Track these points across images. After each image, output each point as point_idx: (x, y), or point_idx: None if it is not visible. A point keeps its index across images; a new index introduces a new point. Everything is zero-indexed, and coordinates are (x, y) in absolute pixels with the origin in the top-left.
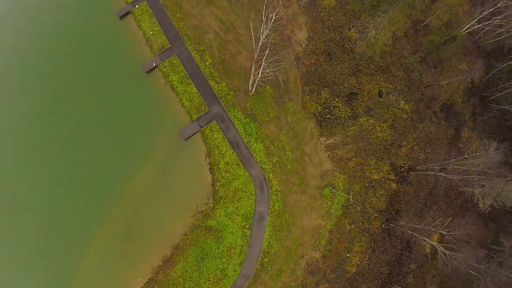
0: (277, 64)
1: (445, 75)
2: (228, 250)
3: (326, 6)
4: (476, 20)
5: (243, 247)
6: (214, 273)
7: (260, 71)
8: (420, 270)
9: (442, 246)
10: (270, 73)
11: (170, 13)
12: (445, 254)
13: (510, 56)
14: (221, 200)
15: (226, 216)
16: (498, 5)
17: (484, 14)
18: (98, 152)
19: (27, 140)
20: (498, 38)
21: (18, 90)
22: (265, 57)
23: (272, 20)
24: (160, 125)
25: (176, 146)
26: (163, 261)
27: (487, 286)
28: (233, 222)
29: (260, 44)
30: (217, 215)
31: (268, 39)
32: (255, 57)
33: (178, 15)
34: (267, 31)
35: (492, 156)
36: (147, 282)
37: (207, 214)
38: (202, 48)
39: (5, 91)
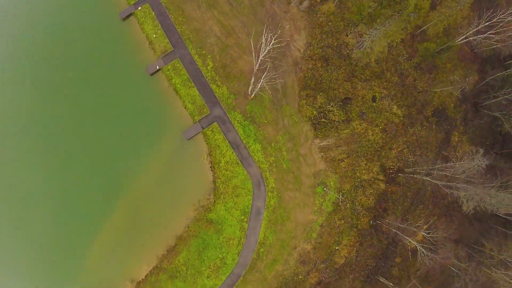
0: (275, 79)
1: (438, 80)
2: (227, 241)
3: (325, 11)
4: (471, 32)
5: (241, 238)
6: (214, 262)
7: (259, 85)
8: (404, 263)
9: (422, 246)
10: (268, 89)
11: (173, 16)
12: (424, 254)
13: (505, 64)
14: (221, 196)
15: (225, 210)
16: (494, 20)
17: (480, 27)
18: (107, 151)
19: (36, 141)
20: (493, 47)
21: (22, 93)
22: (264, 75)
23: (272, 42)
24: (164, 126)
25: (180, 146)
26: (167, 250)
27: (466, 284)
28: (232, 216)
29: (259, 60)
30: (218, 209)
31: (268, 59)
32: (255, 70)
33: (181, 18)
34: (267, 49)
35: (478, 163)
36: (152, 269)
37: (208, 208)
38: (204, 52)
39: (11, 95)
